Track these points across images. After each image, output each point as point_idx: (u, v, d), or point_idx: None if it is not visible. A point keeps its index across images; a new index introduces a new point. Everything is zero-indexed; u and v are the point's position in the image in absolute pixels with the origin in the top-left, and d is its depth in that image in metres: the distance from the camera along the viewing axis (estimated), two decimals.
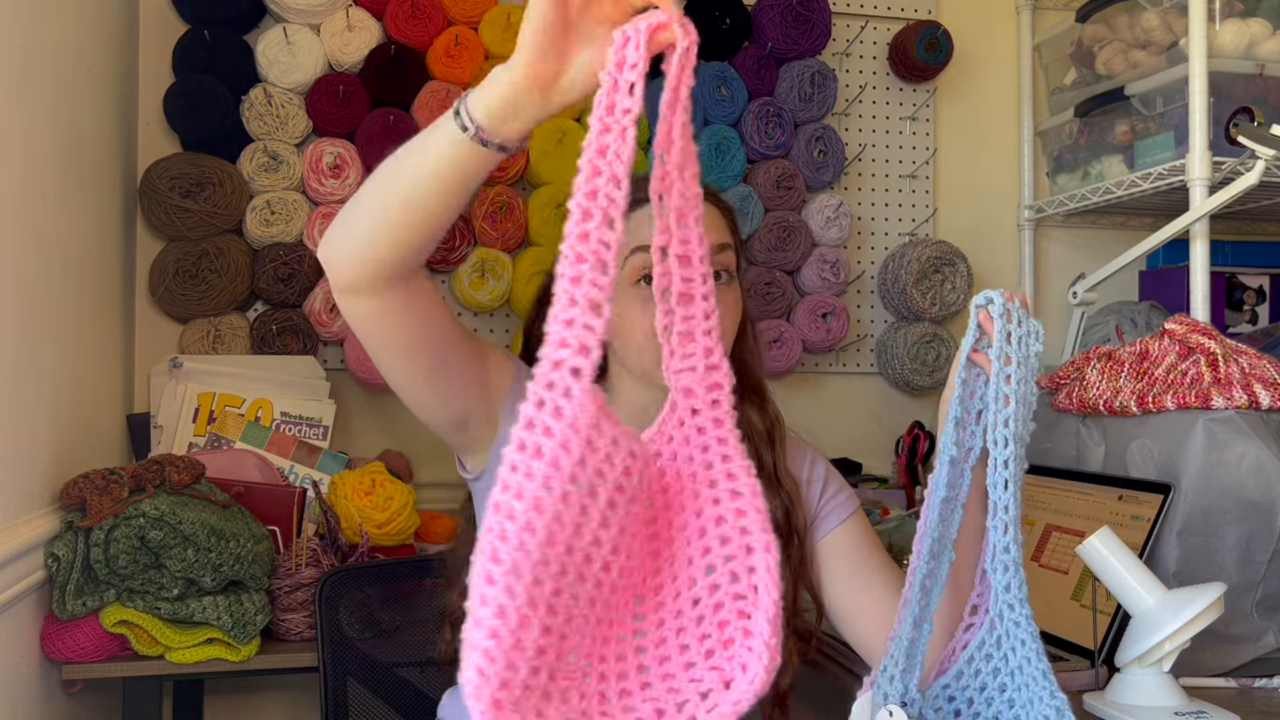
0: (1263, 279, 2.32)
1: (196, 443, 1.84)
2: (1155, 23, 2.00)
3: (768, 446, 1.24)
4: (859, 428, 2.29)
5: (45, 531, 1.38)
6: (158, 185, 1.86)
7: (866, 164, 2.32)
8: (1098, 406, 1.49)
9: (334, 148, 1.95)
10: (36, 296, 1.39)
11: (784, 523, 1.20)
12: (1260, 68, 1.89)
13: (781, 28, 2.14)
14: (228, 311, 1.94)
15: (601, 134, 0.72)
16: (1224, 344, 1.42)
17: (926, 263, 2.20)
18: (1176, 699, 1.13)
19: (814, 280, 2.18)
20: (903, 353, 2.20)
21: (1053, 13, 2.42)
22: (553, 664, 0.63)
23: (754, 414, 1.25)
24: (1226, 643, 1.31)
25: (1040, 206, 2.34)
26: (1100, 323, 2.16)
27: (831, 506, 1.25)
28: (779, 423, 1.26)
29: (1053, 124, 2.32)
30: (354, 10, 1.98)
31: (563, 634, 0.63)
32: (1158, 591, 1.14)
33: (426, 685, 1.48)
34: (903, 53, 2.27)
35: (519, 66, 0.76)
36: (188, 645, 1.44)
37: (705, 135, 2.10)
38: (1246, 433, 1.32)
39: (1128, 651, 1.15)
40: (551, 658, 0.63)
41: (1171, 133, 1.94)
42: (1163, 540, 1.34)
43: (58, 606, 1.39)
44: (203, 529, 1.41)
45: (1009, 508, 0.89)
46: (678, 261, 0.76)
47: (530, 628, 0.61)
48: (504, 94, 0.78)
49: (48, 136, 1.45)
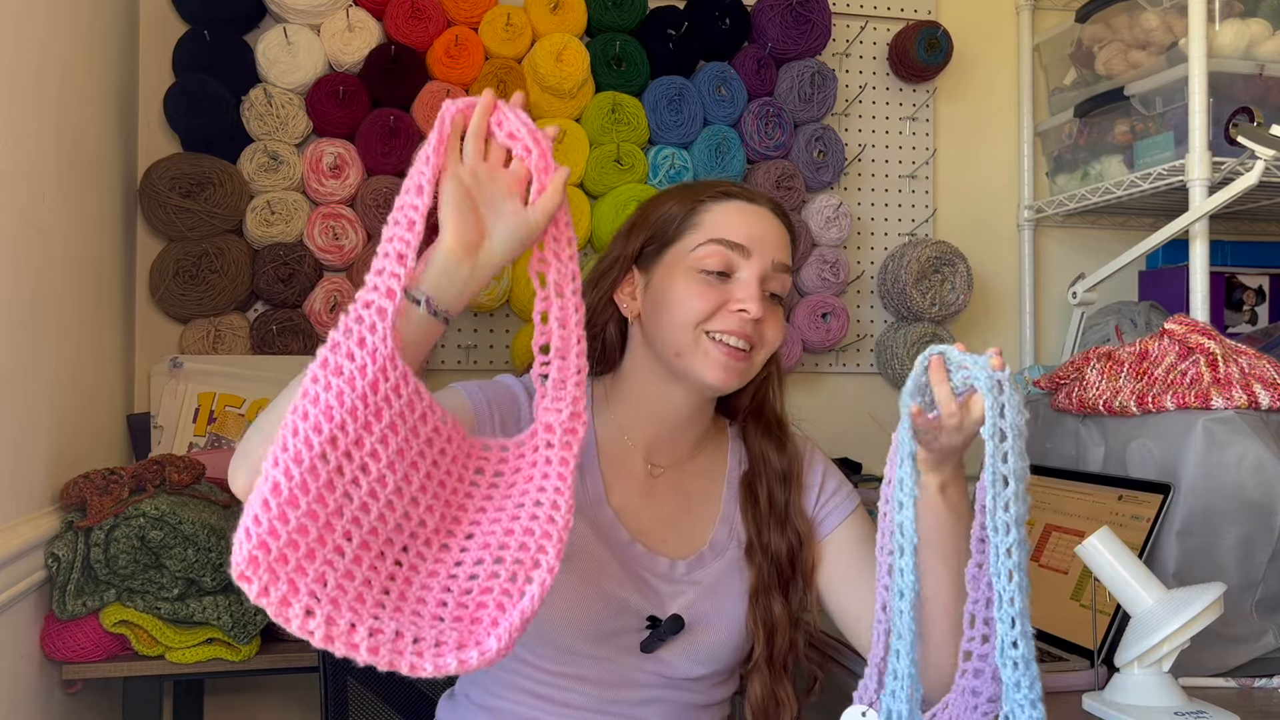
0: (1262, 279, 2.32)
1: (197, 443, 1.84)
2: (1155, 23, 2.00)
3: (782, 485, 1.22)
4: (859, 428, 2.29)
5: (45, 531, 1.38)
6: (158, 185, 1.86)
7: (866, 164, 2.32)
8: (1097, 406, 1.49)
9: (334, 148, 1.95)
10: (37, 296, 1.39)
11: (788, 564, 1.19)
12: (1260, 68, 1.89)
13: (781, 28, 2.14)
14: (228, 311, 1.94)
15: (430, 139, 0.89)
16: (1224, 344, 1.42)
17: (926, 263, 2.20)
18: (1176, 699, 1.13)
19: (814, 280, 2.18)
20: (902, 353, 2.20)
21: (1053, 13, 2.42)
22: (311, 544, 0.74)
23: (772, 451, 1.24)
24: (1226, 643, 1.31)
25: (1040, 206, 2.34)
26: (1100, 323, 2.16)
27: (830, 507, 1.24)
28: (796, 461, 1.24)
29: (1052, 124, 2.32)
30: (354, 10, 1.98)
31: (327, 523, 0.75)
32: (1157, 591, 1.14)
33: (426, 685, 1.48)
34: (902, 53, 2.27)
35: (447, 239, 0.90)
36: (188, 645, 1.44)
37: (705, 135, 2.10)
38: (1246, 433, 1.32)
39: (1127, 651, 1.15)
40: (312, 538, 0.74)
41: (1171, 133, 1.94)
42: (1162, 540, 1.34)
43: (58, 606, 1.39)
44: (203, 529, 1.41)
45: (1015, 599, 0.82)
46: (557, 324, 0.93)
47: (297, 506, 0.74)
48: (441, 265, 0.90)
49: (48, 136, 1.45)
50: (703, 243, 1.15)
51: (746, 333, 1.13)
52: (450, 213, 0.90)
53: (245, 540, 0.72)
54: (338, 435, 0.77)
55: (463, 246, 0.89)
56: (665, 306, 1.15)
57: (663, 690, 1.16)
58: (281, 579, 0.72)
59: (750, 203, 1.19)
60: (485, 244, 0.91)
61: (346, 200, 1.98)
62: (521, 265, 2.03)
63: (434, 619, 0.80)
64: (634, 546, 1.17)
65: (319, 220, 1.95)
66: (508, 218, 0.91)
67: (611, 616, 1.13)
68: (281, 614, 0.72)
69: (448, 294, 0.90)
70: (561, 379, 0.93)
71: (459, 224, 0.89)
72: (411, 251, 0.83)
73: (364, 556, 0.78)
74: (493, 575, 0.83)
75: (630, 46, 2.08)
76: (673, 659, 1.15)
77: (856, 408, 2.31)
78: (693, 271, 1.15)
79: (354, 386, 0.78)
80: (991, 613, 0.92)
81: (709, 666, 1.17)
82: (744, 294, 1.13)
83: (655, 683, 1.15)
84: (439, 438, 0.87)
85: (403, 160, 1.97)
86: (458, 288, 0.91)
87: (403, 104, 2.00)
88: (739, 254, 1.15)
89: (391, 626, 0.76)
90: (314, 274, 1.95)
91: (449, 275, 0.90)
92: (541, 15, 2.04)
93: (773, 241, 1.17)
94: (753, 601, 1.18)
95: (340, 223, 1.95)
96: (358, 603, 0.75)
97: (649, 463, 1.22)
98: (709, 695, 1.20)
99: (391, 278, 0.83)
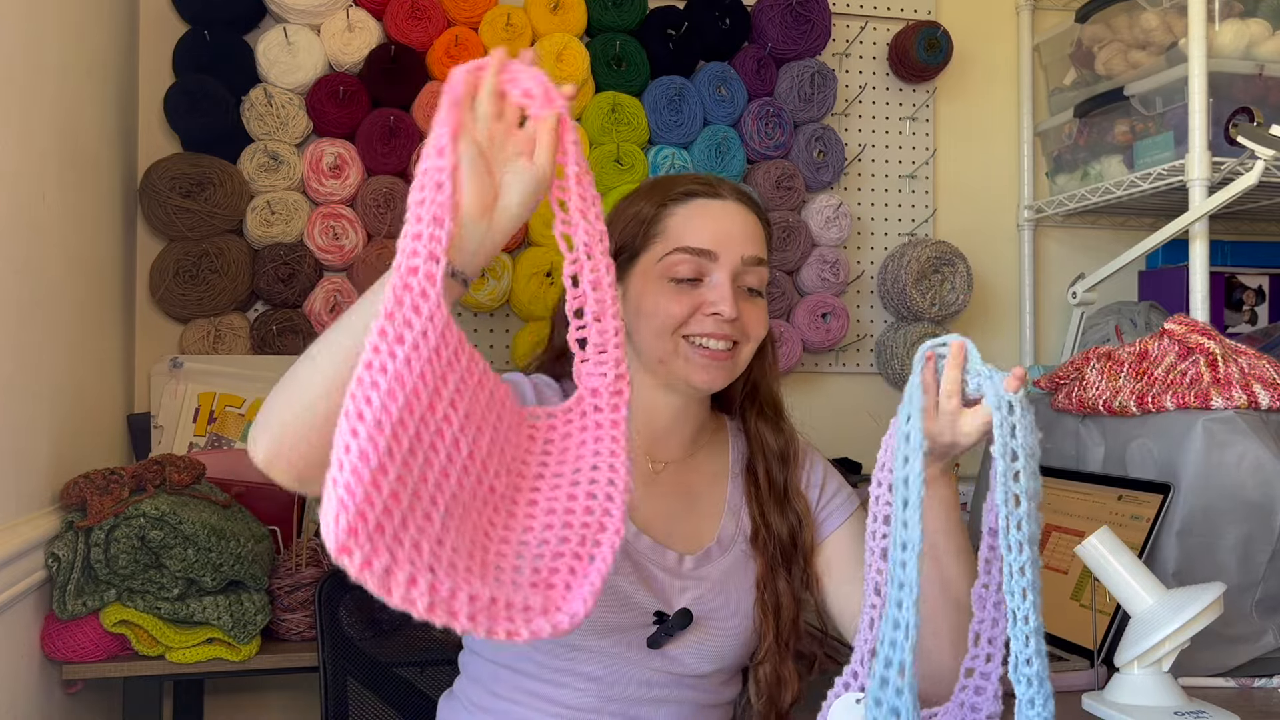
0: (1262, 279, 2.32)
1: (197, 443, 1.84)
2: (1155, 23, 2.00)
3: (780, 465, 1.24)
4: (859, 428, 2.29)
5: (45, 531, 1.38)
6: (158, 185, 1.86)
7: (866, 164, 2.32)
8: (1097, 406, 1.49)
9: (334, 148, 1.96)
10: (37, 297, 1.39)
11: (789, 542, 1.20)
12: (1260, 68, 1.89)
13: (781, 28, 2.14)
14: (228, 311, 1.94)
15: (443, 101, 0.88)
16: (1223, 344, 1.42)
17: (926, 263, 2.20)
18: (1176, 699, 1.13)
19: (814, 280, 2.18)
20: (902, 353, 2.20)
21: (1053, 13, 2.42)
22: (404, 512, 0.73)
23: (768, 432, 1.25)
24: (1226, 643, 1.31)
25: (1040, 206, 2.34)
26: (1100, 323, 2.16)
27: (831, 508, 1.24)
28: (793, 441, 1.26)
29: (1052, 124, 2.32)
30: (354, 10, 1.98)
31: (416, 490, 0.74)
32: (1157, 591, 1.14)
33: (426, 685, 1.48)
34: (902, 53, 2.27)
35: (464, 200, 0.88)
36: (188, 645, 1.44)
37: (705, 135, 2.10)
38: (1246, 433, 1.32)
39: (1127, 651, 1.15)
40: (405, 505, 0.73)
41: (1171, 133, 1.94)
42: (1162, 540, 1.34)
43: (58, 606, 1.39)
44: (203, 529, 1.41)
45: (1030, 618, 0.82)
46: (589, 286, 0.91)
47: (387, 475, 0.72)
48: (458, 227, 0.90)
49: (48, 136, 1.45)
50: (669, 252, 1.15)
51: (725, 333, 1.14)
52: (467, 174, 0.88)
53: (342, 512, 0.70)
54: (412, 401, 0.76)
55: (479, 207, 0.88)
56: (642, 316, 1.16)
57: (670, 689, 1.15)
58: (383, 549, 0.70)
59: (714, 198, 1.18)
60: (500, 203, 0.89)
61: (346, 200, 1.98)
62: (522, 265, 2.03)
63: (513, 585, 0.80)
64: (641, 539, 1.17)
65: (319, 220, 1.95)
66: (520, 173, 0.89)
67: (616, 610, 1.13)
68: (385, 585, 0.70)
69: (465, 254, 0.89)
70: (601, 343, 0.92)
71: (475, 184, 0.87)
72: (447, 214, 0.82)
73: (450, 524, 0.77)
74: (564, 540, 0.83)
75: (630, 46, 2.08)
76: (680, 655, 1.15)
77: (856, 408, 2.31)
78: (664, 280, 1.15)
79: (419, 352, 0.77)
80: (997, 632, 0.92)
81: (716, 663, 1.17)
82: (716, 296, 1.14)
83: (662, 681, 1.15)
84: (495, 402, 0.86)
85: (403, 160, 1.97)
86: (473, 248, 0.89)
87: (403, 104, 2.00)
88: (706, 259, 1.15)
89: (486, 593, 0.75)
90: (314, 274, 1.95)
91: (467, 235, 0.89)
92: (541, 15, 2.04)
93: (740, 237, 1.16)
94: (760, 589, 1.19)
95: (340, 223, 1.95)
96: (452, 569, 0.74)
97: (650, 458, 1.23)
98: (717, 694, 1.20)
99: (432, 241, 0.81)
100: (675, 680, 1.15)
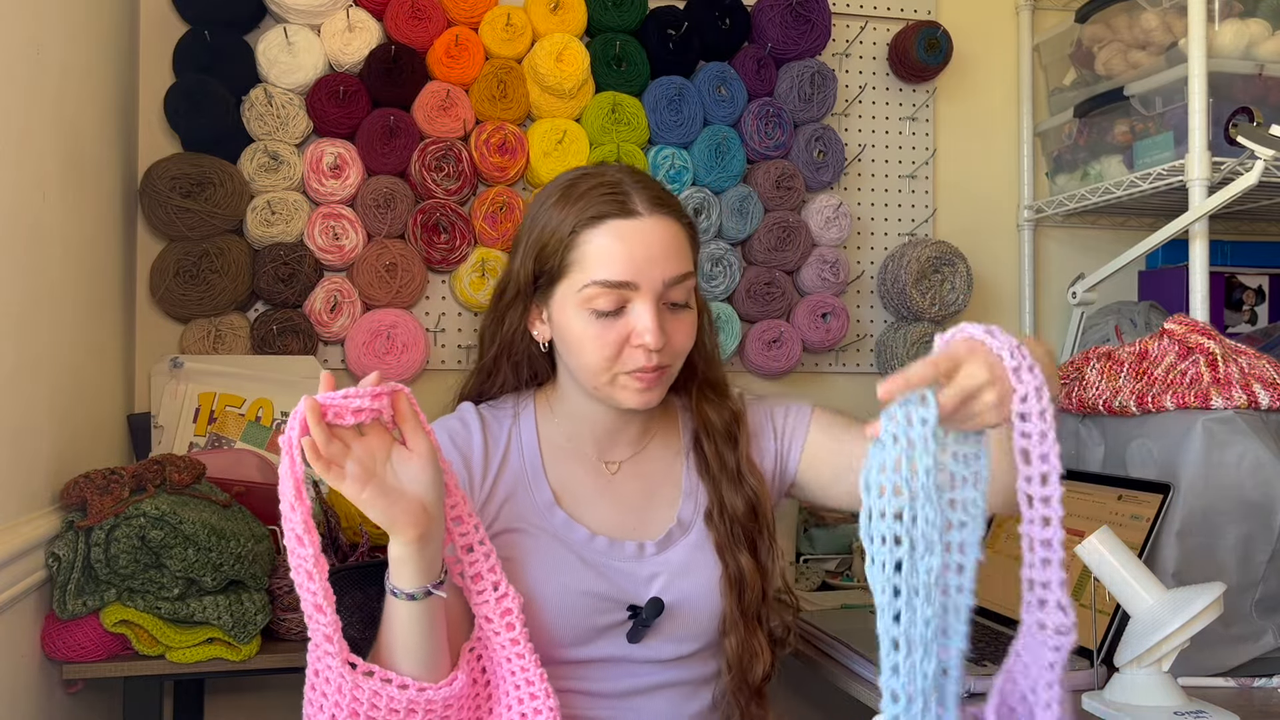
0: (1262, 279, 2.32)
1: (197, 442, 1.84)
2: (1155, 23, 2.00)
3: (728, 444, 1.24)
4: None
5: (45, 531, 1.38)
6: (158, 185, 1.86)
7: (866, 164, 2.32)
8: (1097, 406, 1.49)
9: (334, 148, 1.96)
10: (37, 296, 1.40)
11: (748, 516, 1.21)
12: (1259, 68, 1.89)
13: (781, 28, 2.14)
14: (228, 311, 1.94)
15: (284, 478, 0.95)
16: (1223, 344, 1.42)
17: (926, 263, 2.20)
18: (1176, 699, 1.13)
19: (814, 280, 2.18)
20: (902, 353, 2.20)
21: (1052, 13, 2.42)
22: None
23: (711, 411, 1.25)
24: (1226, 643, 1.32)
25: (1040, 206, 2.34)
26: (1100, 323, 2.16)
27: (790, 428, 1.27)
28: (739, 419, 1.26)
29: (1052, 124, 2.32)
30: (354, 10, 1.98)
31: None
32: (1157, 591, 1.14)
33: None
34: (902, 53, 2.27)
35: (402, 535, 0.98)
36: (188, 645, 1.44)
37: (705, 136, 2.10)
38: (1246, 433, 1.32)
39: (1127, 651, 1.15)
40: None
41: (1171, 133, 1.94)
42: (1162, 540, 1.34)
43: (58, 606, 1.39)
44: (203, 529, 1.41)
45: None
46: (457, 521, 1.03)
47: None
48: (404, 555, 0.99)
49: (48, 136, 1.45)
50: (586, 284, 1.11)
51: (653, 363, 1.13)
52: (381, 512, 0.95)
53: None
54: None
55: (416, 529, 0.96)
56: (570, 348, 1.16)
57: (660, 674, 1.17)
58: None
59: (627, 217, 1.12)
60: (410, 492, 0.96)
61: (347, 200, 1.98)
62: None
63: None
64: (595, 541, 1.18)
65: (319, 220, 1.95)
66: (408, 460, 0.96)
67: (591, 615, 1.14)
68: None
69: (429, 553, 0.99)
70: (476, 573, 1.04)
71: (397, 512, 0.95)
72: (327, 601, 0.98)
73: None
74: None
75: (630, 46, 2.08)
76: (661, 643, 1.16)
77: (856, 408, 2.31)
78: (584, 312, 1.13)
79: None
80: (1050, 534, 0.86)
81: (699, 641, 1.19)
82: (640, 327, 1.11)
83: (651, 670, 1.17)
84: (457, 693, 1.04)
85: (403, 160, 1.97)
86: (431, 554, 0.98)
87: (403, 104, 2.00)
88: (627, 289, 1.11)
89: None
90: (314, 274, 1.95)
91: (417, 557, 0.98)
92: (541, 15, 2.05)
93: (660, 258, 1.12)
94: (720, 561, 1.20)
95: (340, 223, 1.95)
96: None
97: (603, 461, 1.24)
98: (704, 669, 1.21)
99: (318, 627, 1.02)
100: (663, 667, 1.17)
